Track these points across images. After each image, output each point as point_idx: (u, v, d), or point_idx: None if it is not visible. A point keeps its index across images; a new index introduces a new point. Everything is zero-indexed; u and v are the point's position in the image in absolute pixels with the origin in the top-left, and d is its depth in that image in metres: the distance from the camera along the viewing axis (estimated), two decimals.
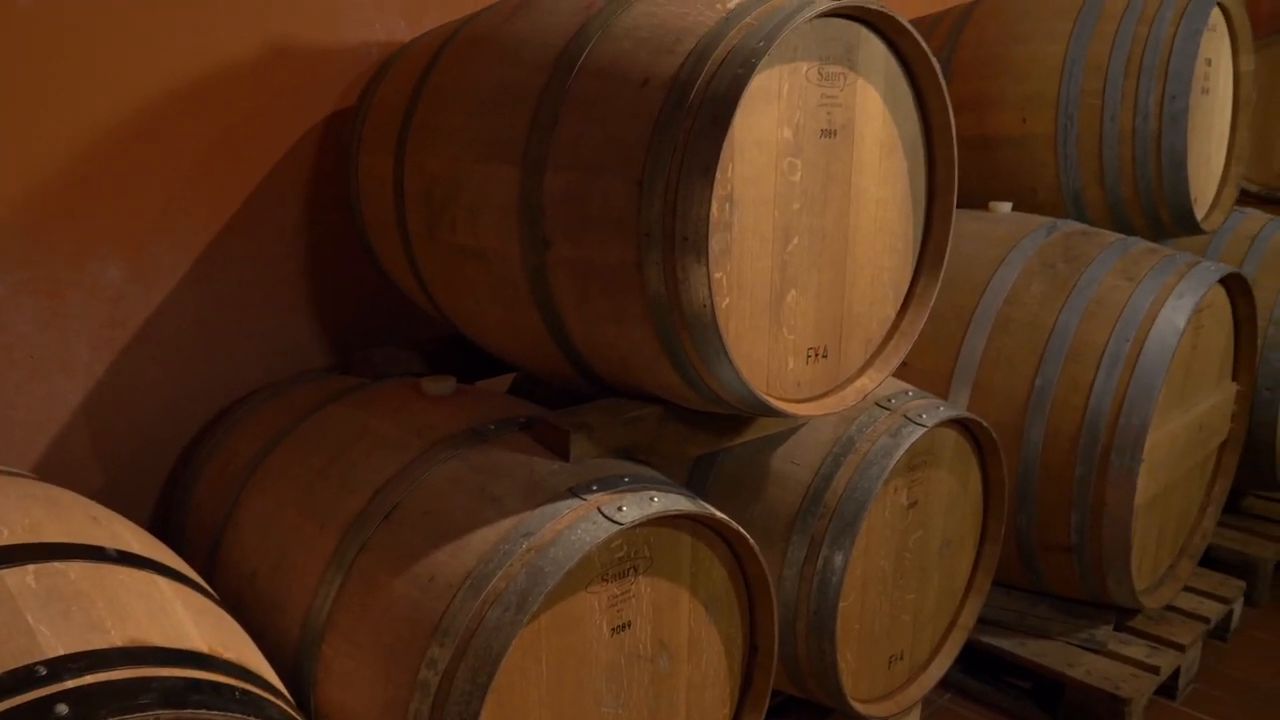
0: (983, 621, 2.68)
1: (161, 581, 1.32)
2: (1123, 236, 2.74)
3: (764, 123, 1.58)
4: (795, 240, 1.68)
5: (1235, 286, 2.76)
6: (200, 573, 1.67)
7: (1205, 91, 2.94)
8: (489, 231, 1.75)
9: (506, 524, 1.53)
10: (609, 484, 1.59)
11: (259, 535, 1.80)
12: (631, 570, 1.57)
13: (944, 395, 2.59)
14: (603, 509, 1.51)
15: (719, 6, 1.60)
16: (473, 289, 1.87)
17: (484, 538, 1.52)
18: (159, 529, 2.17)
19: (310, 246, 2.37)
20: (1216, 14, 2.94)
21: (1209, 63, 2.92)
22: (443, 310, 2.07)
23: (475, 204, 1.77)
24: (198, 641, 1.22)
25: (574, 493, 1.56)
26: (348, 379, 2.20)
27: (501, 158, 1.72)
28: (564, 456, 1.66)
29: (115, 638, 1.12)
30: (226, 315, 2.24)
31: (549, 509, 1.53)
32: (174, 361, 2.18)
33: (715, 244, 1.55)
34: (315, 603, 1.61)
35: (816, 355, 1.79)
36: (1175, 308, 2.46)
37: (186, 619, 1.26)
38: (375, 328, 2.53)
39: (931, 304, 1.93)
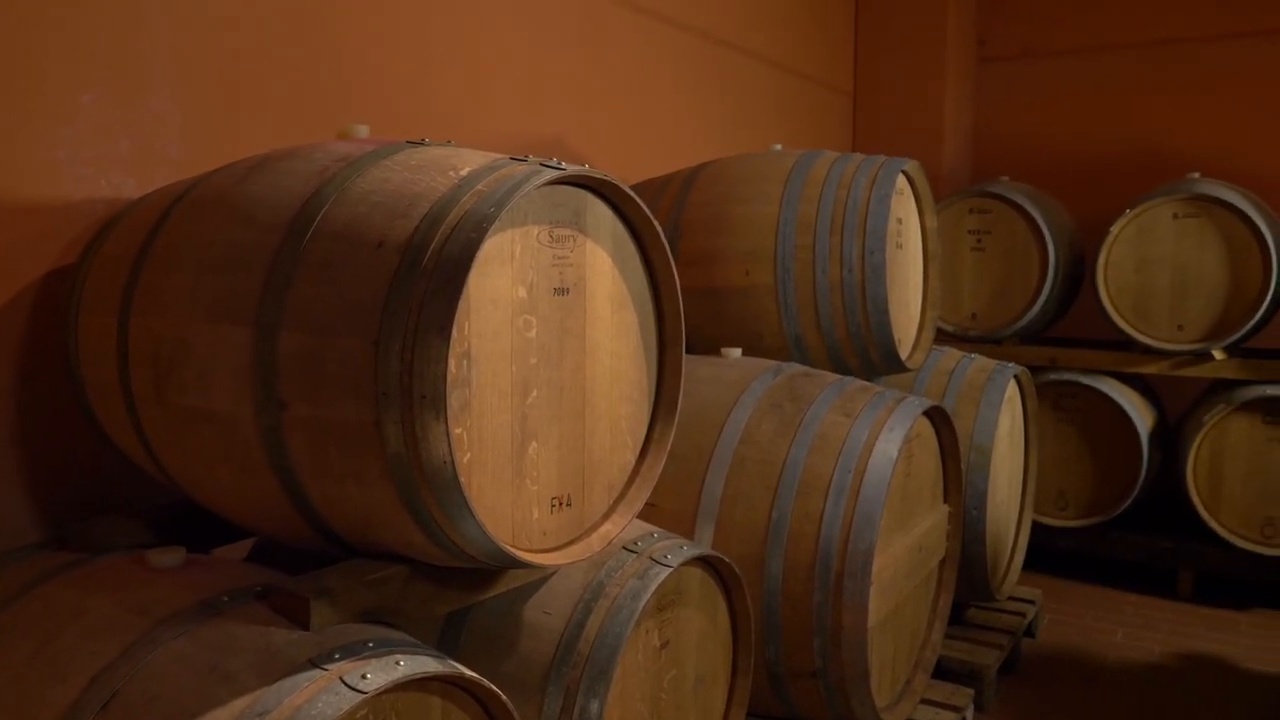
0: None
1: None
2: (840, 376, 3.01)
3: (498, 282, 1.65)
4: (534, 393, 1.74)
5: (938, 417, 3.07)
6: None
7: (899, 246, 3.31)
8: (220, 393, 1.70)
9: (240, 703, 1.44)
10: (352, 651, 1.53)
11: None
12: None
13: (690, 534, 2.69)
14: (345, 678, 1.45)
15: (451, 174, 1.68)
16: (203, 453, 1.79)
17: None
18: None
19: (21, 411, 2.19)
20: (903, 179, 3.36)
21: (900, 221, 3.32)
22: (171, 476, 1.97)
23: (205, 365, 1.72)
24: None
25: (314, 663, 1.50)
26: (63, 555, 2.02)
27: (234, 319, 1.69)
28: (304, 625, 1.59)
29: None
30: None
31: (287, 683, 1.46)
32: None
33: (454, 400, 1.58)
34: None
35: (561, 504, 1.83)
36: (888, 440, 2.70)
37: None
38: (96, 496, 2.35)
39: (669, 448, 2.03)
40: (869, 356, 3.24)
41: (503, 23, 3.48)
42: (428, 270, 1.54)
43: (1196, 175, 5.01)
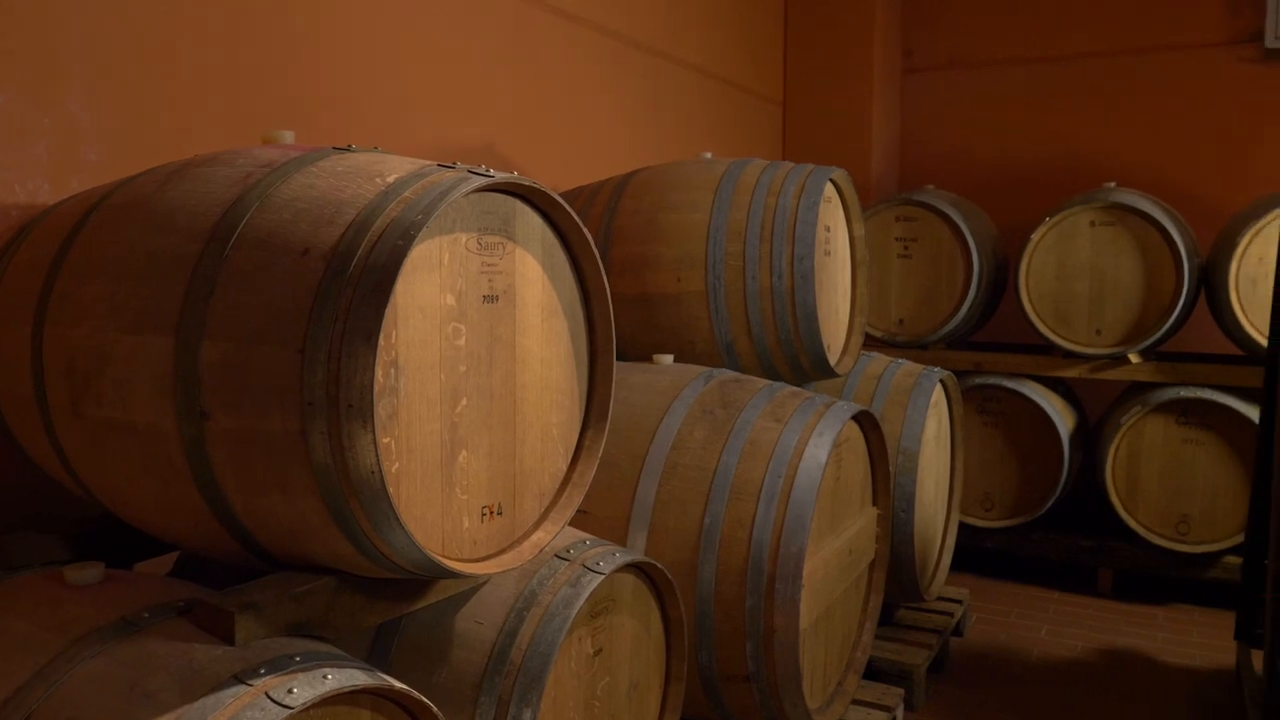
0: None
1: None
2: (770, 382, 3.04)
3: (426, 290, 1.64)
4: (464, 402, 1.73)
5: (866, 422, 3.12)
6: None
7: (828, 253, 3.36)
8: (141, 404, 1.66)
9: None
10: (278, 665, 1.51)
11: None
12: None
13: (623, 541, 2.69)
14: (270, 694, 1.43)
15: (378, 181, 1.66)
16: (123, 466, 1.75)
17: None
18: None
19: None
20: (831, 188, 3.41)
21: (828, 229, 3.36)
22: (90, 490, 1.92)
23: (125, 376, 1.68)
24: None
25: (239, 679, 1.46)
26: None
27: (155, 328, 1.65)
28: (229, 640, 1.56)
29: None
30: None
31: (210, 700, 1.43)
32: None
33: (382, 409, 1.56)
34: None
35: (491, 513, 1.82)
36: (817, 445, 2.74)
37: None
38: (11, 513, 2.28)
39: (600, 455, 2.03)
40: (799, 362, 3.28)
41: (432, 29, 3.45)
42: (354, 278, 1.53)
43: (1113, 184, 5.16)
